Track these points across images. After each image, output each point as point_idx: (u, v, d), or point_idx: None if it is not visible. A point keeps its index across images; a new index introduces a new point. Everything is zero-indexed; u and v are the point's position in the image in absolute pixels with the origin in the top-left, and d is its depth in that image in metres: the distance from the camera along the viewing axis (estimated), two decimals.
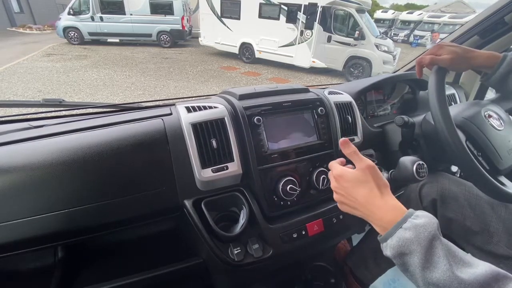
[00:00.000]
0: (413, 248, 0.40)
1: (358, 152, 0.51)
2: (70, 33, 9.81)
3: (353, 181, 0.49)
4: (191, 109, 0.71)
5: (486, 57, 0.71)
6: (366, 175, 0.48)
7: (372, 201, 0.47)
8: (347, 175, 0.50)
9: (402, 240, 0.41)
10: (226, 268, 0.68)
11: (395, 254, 0.43)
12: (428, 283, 0.39)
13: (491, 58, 0.71)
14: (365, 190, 0.48)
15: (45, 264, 0.77)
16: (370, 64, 7.25)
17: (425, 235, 0.40)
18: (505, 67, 0.69)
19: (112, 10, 9.91)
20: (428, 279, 0.39)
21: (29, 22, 15.38)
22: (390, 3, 69.44)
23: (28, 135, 0.65)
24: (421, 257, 0.40)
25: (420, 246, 0.40)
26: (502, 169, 0.75)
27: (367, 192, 0.48)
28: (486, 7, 1.12)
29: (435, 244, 0.40)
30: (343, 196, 0.51)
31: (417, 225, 0.41)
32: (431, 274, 0.39)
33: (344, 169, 0.52)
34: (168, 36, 10.39)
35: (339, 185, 0.52)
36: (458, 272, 0.38)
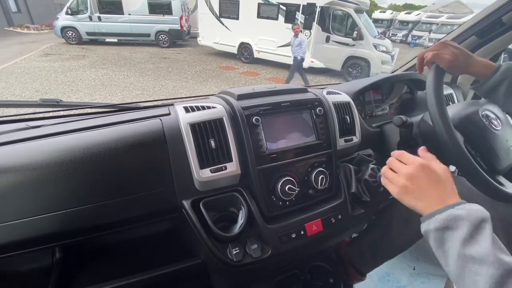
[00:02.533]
0: (461, 224, 0.44)
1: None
2: (68, 33, 9.78)
3: (427, 182, 0.52)
4: (190, 109, 0.71)
5: (482, 66, 0.72)
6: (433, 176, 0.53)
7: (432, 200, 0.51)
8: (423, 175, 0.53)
9: (452, 216, 0.45)
10: (225, 269, 0.68)
11: (439, 228, 0.46)
12: (465, 255, 0.42)
13: (486, 67, 0.72)
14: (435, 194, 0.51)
15: (42, 265, 0.76)
16: (369, 64, 7.27)
17: (476, 215, 0.44)
18: (496, 78, 0.70)
19: (110, 9, 9.89)
20: (467, 252, 0.42)
21: (27, 21, 15.31)
22: (388, 3, 69.65)
23: (25, 135, 0.65)
24: (467, 232, 0.43)
25: (469, 222, 0.43)
26: (500, 168, 0.76)
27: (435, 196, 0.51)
28: (483, 8, 1.12)
29: (485, 224, 0.43)
30: (409, 193, 0.53)
31: (471, 208, 0.46)
32: (471, 248, 0.42)
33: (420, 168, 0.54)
34: (167, 36, 10.38)
35: (410, 183, 0.53)
36: (499, 254, 0.41)
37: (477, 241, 0.42)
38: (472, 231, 0.43)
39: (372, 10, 26.73)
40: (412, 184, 0.53)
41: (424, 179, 0.52)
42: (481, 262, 0.40)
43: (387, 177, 0.59)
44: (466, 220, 0.44)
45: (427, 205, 0.51)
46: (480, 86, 0.73)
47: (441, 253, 0.46)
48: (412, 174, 0.53)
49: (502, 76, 0.69)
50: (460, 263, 0.43)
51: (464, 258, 0.42)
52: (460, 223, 0.44)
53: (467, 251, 0.42)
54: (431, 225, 0.47)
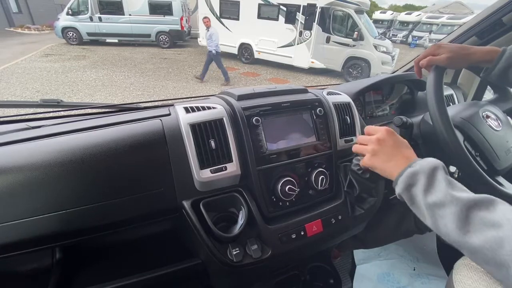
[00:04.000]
0: (418, 177, 0.49)
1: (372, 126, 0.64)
2: (69, 33, 9.80)
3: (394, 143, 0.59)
4: (190, 110, 0.71)
5: (484, 52, 0.71)
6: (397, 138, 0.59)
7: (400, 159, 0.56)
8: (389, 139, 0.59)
9: (409, 173, 0.51)
10: (225, 269, 0.68)
11: (403, 188, 0.51)
12: (429, 204, 0.47)
13: (490, 52, 0.71)
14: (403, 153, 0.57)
15: (42, 266, 0.76)
16: (369, 65, 7.27)
17: (428, 166, 0.50)
18: (505, 61, 0.68)
19: (111, 10, 9.90)
20: (429, 200, 0.47)
21: (28, 22, 15.33)
22: (389, 4, 69.72)
23: (26, 135, 0.65)
24: (424, 183, 0.48)
25: (424, 174, 0.49)
26: (500, 169, 0.76)
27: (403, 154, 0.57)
28: (484, 8, 1.12)
29: (436, 172, 0.49)
30: (379, 155, 0.59)
31: (422, 162, 0.51)
32: (431, 196, 0.47)
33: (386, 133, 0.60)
34: (167, 37, 10.39)
35: (379, 147, 0.59)
36: (455, 192, 0.45)
37: (434, 188, 0.47)
38: (428, 181, 0.48)
39: (373, 10, 26.74)
40: (380, 147, 0.58)
41: (390, 141, 0.58)
42: (442, 205, 0.45)
43: (358, 150, 0.64)
44: (421, 173, 0.49)
45: (397, 164, 0.55)
46: (489, 72, 0.72)
47: (417, 210, 0.50)
48: (379, 138, 0.59)
49: (510, 59, 0.68)
50: (429, 212, 0.47)
51: (430, 207, 0.47)
52: (417, 177, 0.49)
53: (429, 199, 0.47)
54: (399, 188, 0.52)
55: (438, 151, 0.84)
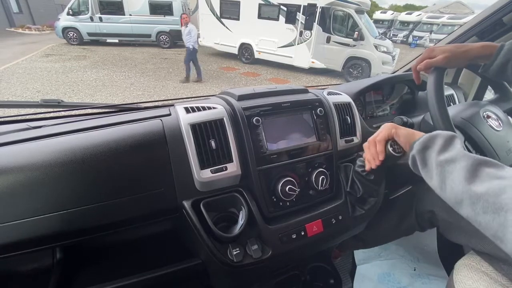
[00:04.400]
0: (436, 140, 0.52)
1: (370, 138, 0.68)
2: (69, 33, 9.80)
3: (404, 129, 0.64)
4: (190, 110, 0.71)
5: (480, 47, 0.71)
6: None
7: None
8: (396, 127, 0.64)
9: (428, 136, 0.54)
10: (225, 269, 0.68)
11: (419, 150, 0.54)
12: (440, 161, 0.49)
13: (487, 47, 0.71)
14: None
15: (43, 266, 0.77)
16: (369, 65, 7.26)
17: (447, 133, 0.53)
18: (503, 56, 0.68)
19: (111, 10, 9.90)
20: (441, 158, 0.49)
21: (28, 22, 15.36)
22: (389, 3, 69.68)
23: (26, 135, 0.65)
24: (440, 144, 0.51)
25: (442, 137, 0.52)
26: None
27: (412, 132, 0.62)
28: (484, 8, 1.12)
29: (454, 138, 0.52)
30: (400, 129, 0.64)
31: (441, 131, 0.55)
32: (444, 155, 0.49)
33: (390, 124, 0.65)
34: (168, 37, 10.39)
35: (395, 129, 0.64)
36: (467, 152, 0.48)
37: (449, 148, 0.50)
38: (445, 143, 0.51)
39: (373, 10, 26.71)
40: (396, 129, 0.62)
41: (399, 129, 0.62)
42: (454, 160, 0.47)
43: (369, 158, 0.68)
44: (440, 136, 0.53)
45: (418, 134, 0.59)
46: (488, 67, 0.72)
47: (426, 171, 0.52)
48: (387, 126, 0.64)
49: (508, 55, 0.68)
50: (438, 170, 0.49)
51: (440, 164, 0.49)
52: (435, 140, 0.52)
53: (441, 157, 0.49)
54: (415, 149, 0.55)
55: None
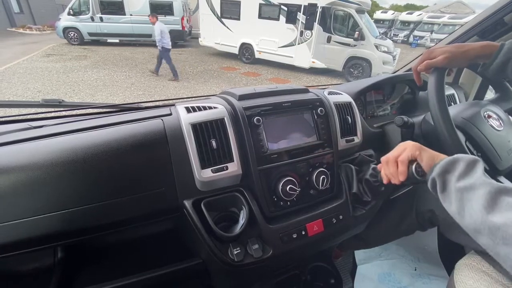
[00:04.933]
0: (457, 165, 0.51)
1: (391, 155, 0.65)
2: (70, 33, 9.81)
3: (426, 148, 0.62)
4: (191, 110, 0.71)
5: (480, 46, 0.71)
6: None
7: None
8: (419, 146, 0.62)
9: (450, 160, 0.52)
10: (225, 269, 0.68)
11: (439, 173, 0.52)
12: (460, 188, 0.48)
13: (487, 47, 0.71)
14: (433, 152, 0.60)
15: (44, 265, 0.77)
16: (370, 65, 7.25)
17: (469, 158, 0.51)
18: (503, 55, 0.68)
19: (112, 10, 9.91)
20: (461, 184, 0.48)
21: (29, 22, 15.37)
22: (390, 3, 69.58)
23: (28, 135, 0.65)
24: (461, 169, 0.49)
25: (464, 162, 0.50)
26: (502, 169, 0.75)
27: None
28: (485, 8, 1.12)
29: (477, 163, 0.50)
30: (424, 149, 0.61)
31: (463, 155, 0.53)
32: (464, 181, 0.48)
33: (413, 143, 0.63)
34: None
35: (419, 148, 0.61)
36: (488, 179, 0.46)
37: (469, 175, 0.48)
38: (466, 168, 0.49)
39: (374, 10, 26.69)
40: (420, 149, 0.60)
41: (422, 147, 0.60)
42: (473, 188, 0.46)
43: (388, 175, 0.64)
44: (461, 160, 0.51)
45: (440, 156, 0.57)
46: (487, 66, 0.72)
47: (446, 196, 0.51)
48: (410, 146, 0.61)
49: (509, 53, 0.68)
50: (458, 196, 0.48)
51: (460, 190, 0.47)
52: (456, 165, 0.51)
53: (461, 183, 0.48)
54: (435, 172, 0.53)
55: (439, 151, 0.84)
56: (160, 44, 5.96)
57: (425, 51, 0.76)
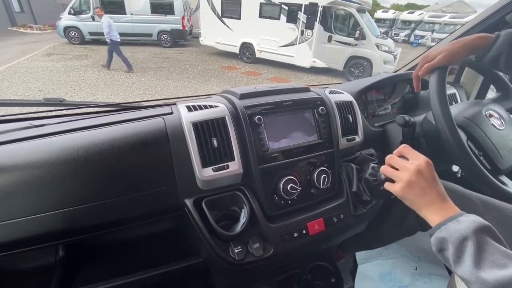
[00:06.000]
0: (447, 245, 0.46)
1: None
2: (71, 32, 9.81)
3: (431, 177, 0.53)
4: (192, 108, 0.71)
5: (476, 38, 0.71)
6: (435, 174, 0.54)
7: (436, 201, 0.52)
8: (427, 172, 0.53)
9: (440, 238, 0.48)
10: (226, 267, 0.68)
11: (436, 250, 0.49)
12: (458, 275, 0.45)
13: (483, 38, 0.71)
14: (437, 189, 0.52)
15: (46, 263, 0.77)
16: (371, 64, 7.25)
17: (456, 236, 0.45)
18: (498, 46, 0.69)
19: (113, 10, 9.90)
20: (458, 272, 0.45)
21: (30, 21, 15.38)
22: (391, 3, 69.46)
23: (29, 134, 0.65)
24: (452, 253, 0.45)
25: (452, 244, 0.45)
26: (503, 168, 0.75)
27: (437, 191, 0.52)
28: (487, 7, 1.11)
29: (466, 243, 0.44)
30: (414, 188, 0.53)
31: (451, 228, 0.47)
32: (458, 270, 0.45)
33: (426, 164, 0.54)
34: (169, 36, 10.39)
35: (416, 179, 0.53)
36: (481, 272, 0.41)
37: (462, 261, 0.44)
38: (457, 252, 0.45)
39: (375, 9, 26.60)
40: (417, 180, 0.52)
41: (428, 175, 0.53)
42: (468, 282, 0.43)
43: (389, 174, 0.58)
44: (449, 241, 0.46)
45: (430, 201, 0.51)
46: (483, 56, 0.72)
47: (451, 268, 0.48)
48: (420, 170, 0.53)
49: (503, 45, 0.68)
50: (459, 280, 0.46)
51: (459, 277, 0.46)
52: (446, 245, 0.47)
53: (458, 271, 0.45)
54: (433, 247, 0.50)
55: (441, 151, 0.84)
56: (108, 37, 6.08)
57: (421, 57, 0.76)
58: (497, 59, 0.69)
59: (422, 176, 0.52)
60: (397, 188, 0.55)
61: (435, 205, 0.51)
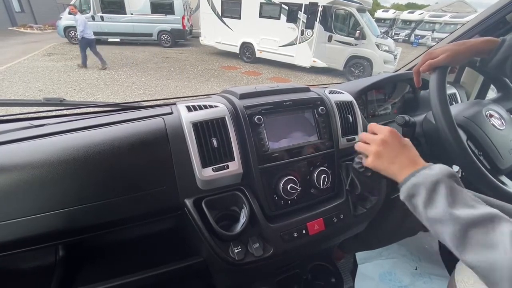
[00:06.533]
0: (419, 190, 0.49)
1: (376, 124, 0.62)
2: (71, 32, 9.79)
3: (398, 145, 0.57)
4: (192, 108, 0.71)
5: (482, 41, 0.71)
6: (401, 140, 0.58)
7: (406, 164, 0.55)
8: (393, 140, 0.58)
9: (411, 184, 0.50)
10: (226, 267, 0.68)
11: (406, 197, 0.51)
12: (428, 218, 0.47)
13: (488, 42, 0.70)
14: (406, 154, 0.56)
15: (46, 263, 0.77)
16: (371, 64, 7.25)
17: (430, 179, 0.48)
18: (504, 51, 0.68)
19: (113, 9, 9.91)
20: (429, 215, 0.47)
21: (30, 21, 15.39)
22: (391, 2, 69.42)
23: (29, 134, 0.65)
24: (424, 196, 0.48)
25: (425, 187, 0.48)
26: (503, 168, 0.75)
27: (407, 156, 0.56)
28: (487, 7, 1.11)
29: (438, 186, 0.47)
30: (383, 157, 0.58)
31: (426, 173, 0.50)
32: (430, 211, 0.47)
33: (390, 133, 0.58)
34: (169, 36, 10.39)
35: (383, 148, 0.58)
36: (455, 210, 0.44)
37: (434, 203, 0.47)
38: (428, 195, 0.47)
39: (375, 9, 26.57)
40: (384, 149, 0.57)
41: (394, 142, 0.57)
42: (441, 222, 0.45)
43: (361, 149, 0.63)
44: (422, 185, 0.49)
45: (401, 166, 0.55)
46: (487, 62, 0.72)
47: (419, 218, 0.51)
48: (384, 140, 0.58)
49: (509, 50, 0.68)
50: (429, 224, 0.48)
51: (429, 221, 0.48)
52: (418, 190, 0.49)
53: (428, 214, 0.47)
54: (402, 195, 0.53)
55: (441, 150, 0.84)
56: (81, 35, 6.13)
57: (426, 52, 0.76)
58: (503, 64, 0.69)
59: (388, 145, 0.57)
60: (369, 161, 0.60)
61: (407, 167, 0.54)
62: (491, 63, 0.70)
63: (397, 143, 0.57)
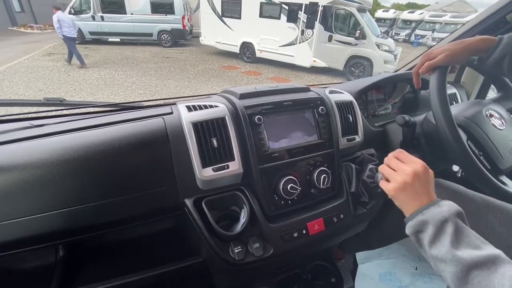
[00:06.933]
0: (427, 227, 0.48)
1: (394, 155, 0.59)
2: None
3: (426, 181, 0.54)
4: (192, 108, 0.71)
5: (479, 40, 0.71)
6: (430, 176, 0.55)
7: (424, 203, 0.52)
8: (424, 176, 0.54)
9: (419, 221, 0.50)
10: (226, 267, 0.68)
11: (411, 232, 0.51)
12: (432, 255, 0.47)
13: (486, 40, 0.70)
14: (428, 192, 0.53)
15: (46, 263, 0.77)
16: (371, 64, 7.24)
17: (438, 217, 0.48)
18: (501, 49, 0.68)
19: (113, 9, 9.90)
20: (432, 252, 0.47)
21: (30, 21, 15.39)
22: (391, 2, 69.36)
23: (29, 134, 0.65)
24: (431, 233, 0.48)
25: (433, 225, 0.48)
26: (504, 168, 0.75)
27: (428, 194, 0.53)
28: (487, 7, 1.11)
29: (445, 225, 0.47)
30: (407, 190, 0.54)
31: (434, 211, 0.49)
32: (434, 249, 0.47)
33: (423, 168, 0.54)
34: (169, 36, 10.39)
35: (412, 182, 0.53)
36: (458, 251, 0.44)
37: (439, 242, 0.47)
38: (435, 233, 0.47)
39: (375, 9, 26.54)
40: (412, 183, 0.53)
41: (423, 179, 0.54)
42: (443, 261, 0.45)
43: (386, 174, 0.58)
44: (430, 223, 0.48)
45: (420, 204, 0.52)
46: (485, 60, 0.72)
47: (424, 253, 0.51)
48: (416, 173, 0.53)
49: (506, 48, 0.68)
50: (432, 262, 0.48)
51: (432, 258, 0.48)
52: (426, 226, 0.49)
53: (433, 252, 0.47)
54: (408, 230, 0.52)
55: (441, 150, 0.84)
56: (60, 33, 6.27)
57: (424, 54, 0.76)
58: (500, 63, 0.69)
59: (418, 180, 0.53)
60: (390, 187, 0.56)
61: (415, 200, 0.53)
62: (489, 61, 0.70)
63: (425, 180, 0.54)
